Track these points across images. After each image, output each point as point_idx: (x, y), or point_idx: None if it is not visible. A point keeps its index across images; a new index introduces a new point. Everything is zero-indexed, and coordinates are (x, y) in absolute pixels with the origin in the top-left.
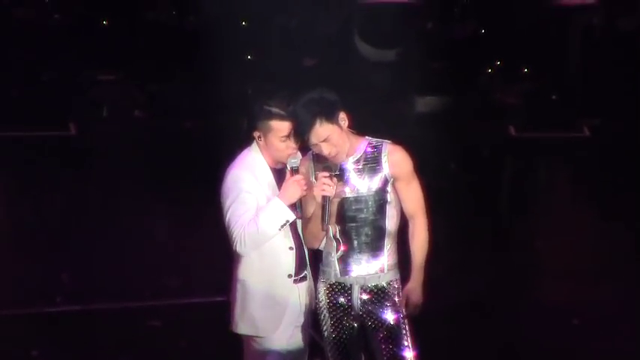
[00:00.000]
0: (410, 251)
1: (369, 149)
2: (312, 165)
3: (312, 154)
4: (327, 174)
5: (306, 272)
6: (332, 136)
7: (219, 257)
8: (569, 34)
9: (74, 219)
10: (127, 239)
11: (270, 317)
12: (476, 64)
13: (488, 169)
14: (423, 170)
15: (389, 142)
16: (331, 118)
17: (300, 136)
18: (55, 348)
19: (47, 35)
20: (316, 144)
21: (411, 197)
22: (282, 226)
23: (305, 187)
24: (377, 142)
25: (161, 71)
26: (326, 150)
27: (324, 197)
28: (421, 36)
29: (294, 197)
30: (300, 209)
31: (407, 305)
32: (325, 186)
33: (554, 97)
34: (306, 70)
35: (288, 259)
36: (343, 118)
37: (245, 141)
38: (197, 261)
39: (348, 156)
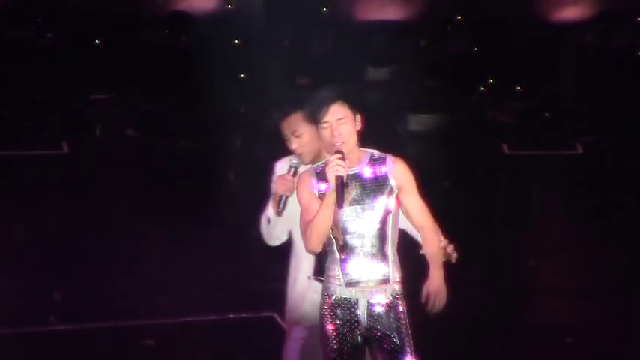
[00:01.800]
0: (425, 258)
1: (373, 160)
2: (314, 180)
3: (315, 170)
4: (339, 155)
5: None
6: (346, 121)
7: (213, 276)
8: (562, 52)
9: (67, 238)
10: (121, 258)
11: (291, 312)
12: (469, 82)
13: (482, 187)
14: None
15: (390, 154)
16: (353, 105)
17: (316, 114)
18: None
19: (40, 55)
20: (327, 122)
21: (418, 207)
22: (268, 222)
23: (284, 188)
24: (379, 154)
25: (154, 90)
26: (335, 131)
27: (338, 178)
28: (415, 54)
29: (276, 195)
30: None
31: (429, 304)
32: (338, 167)
33: (547, 114)
34: (300, 88)
35: (308, 261)
36: (359, 119)
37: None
38: (191, 280)
39: (353, 165)
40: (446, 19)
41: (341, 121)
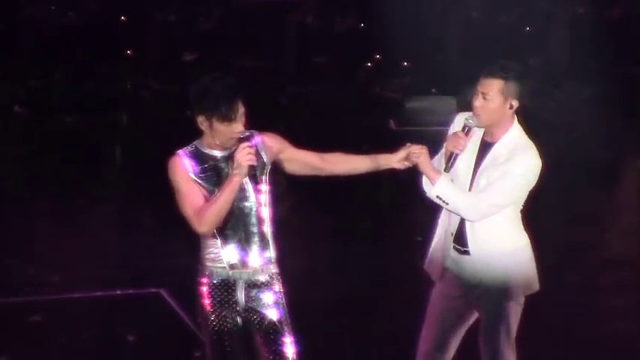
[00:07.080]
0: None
1: (242, 139)
2: (189, 162)
3: (187, 152)
4: (248, 143)
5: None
6: (244, 114)
7: (100, 252)
8: (447, 27)
9: None
10: (7, 234)
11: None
12: (356, 58)
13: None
14: None
15: (255, 131)
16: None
17: (228, 116)
18: None
19: None
20: (237, 121)
21: (304, 151)
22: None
23: (454, 145)
24: (247, 131)
25: (41, 66)
26: (240, 127)
27: (251, 167)
28: (301, 30)
29: (446, 151)
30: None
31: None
32: (249, 155)
33: (434, 90)
34: (187, 64)
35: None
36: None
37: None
38: (78, 256)
39: (225, 148)
40: None
41: (242, 116)
